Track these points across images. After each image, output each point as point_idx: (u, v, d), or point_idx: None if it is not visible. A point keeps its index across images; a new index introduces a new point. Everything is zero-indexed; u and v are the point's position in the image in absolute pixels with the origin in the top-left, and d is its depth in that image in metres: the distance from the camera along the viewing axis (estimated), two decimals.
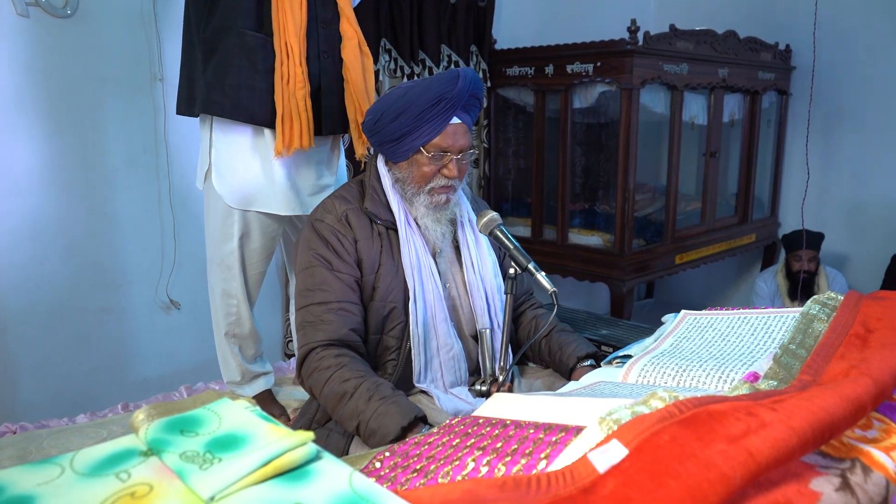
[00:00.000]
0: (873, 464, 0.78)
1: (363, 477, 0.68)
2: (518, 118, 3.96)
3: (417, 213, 1.58)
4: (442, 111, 1.49)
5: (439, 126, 1.50)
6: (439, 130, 1.50)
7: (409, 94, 1.49)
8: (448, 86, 1.48)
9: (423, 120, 1.49)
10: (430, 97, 1.48)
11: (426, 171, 1.54)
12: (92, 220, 2.66)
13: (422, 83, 1.50)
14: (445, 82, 1.48)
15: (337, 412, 1.42)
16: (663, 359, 1.26)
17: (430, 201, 1.56)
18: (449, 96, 1.48)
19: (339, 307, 1.51)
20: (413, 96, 1.48)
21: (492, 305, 1.64)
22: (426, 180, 1.55)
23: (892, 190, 4.10)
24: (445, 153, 1.53)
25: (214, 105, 1.91)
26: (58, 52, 2.49)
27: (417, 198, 1.57)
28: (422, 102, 1.48)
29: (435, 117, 1.49)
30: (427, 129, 1.50)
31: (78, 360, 2.68)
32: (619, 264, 3.49)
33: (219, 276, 2.09)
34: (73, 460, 0.73)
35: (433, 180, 1.55)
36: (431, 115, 1.48)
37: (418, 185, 1.56)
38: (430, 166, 1.53)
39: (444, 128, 1.51)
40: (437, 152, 1.52)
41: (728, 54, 3.79)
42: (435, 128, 1.50)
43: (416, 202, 1.57)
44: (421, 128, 1.49)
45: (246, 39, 1.87)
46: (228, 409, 0.82)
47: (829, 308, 1.20)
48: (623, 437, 0.70)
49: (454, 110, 1.51)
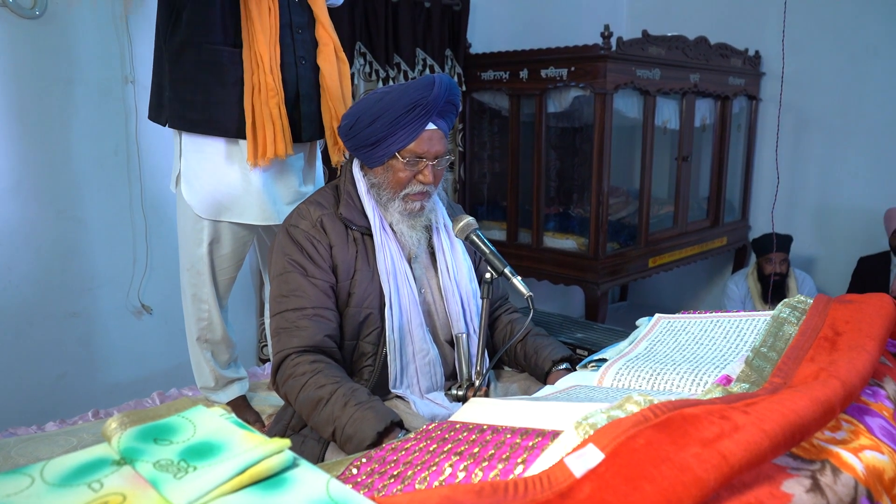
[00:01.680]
0: (842, 465, 0.80)
1: (340, 484, 0.68)
2: (493, 122, 3.98)
3: (392, 219, 1.58)
4: (417, 117, 1.48)
5: (415, 132, 1.49)
6: (414, 136, 1.50)
7: (384, 99, 1.48)
8: (423, 92, 1.47)
9: (399, 126, 1.48)
10: (406, 103, 1.47)
11: (401, 176, 1.53)
12: (61, 224, 2.61)
13: (397, 89, 1.49)
14: (421, 88, 1.48)
15: (312, 419, 1.41)
16: (638, 362, 1.27)
17: (404, 208, 1.56)
18: (424, 102, 1.47)
19: (314, 313, 1.50)
20: (388, 102, 1.48)
21: (467, 310, 1.64)
22: (401, 186, 1.54)
23: (858, 193, 4.19)
24: (421, 159, 1.52)
25: (186, 122, 1.90)
26: (26, 53, 2.44)
27: (392, 203, 1.56)
28: (397, 108, 1.47)
29: (410, 123, 1.48)
30: (402, 135, 1.49)
31: (47, 365, 2.63)
32: (594, 268, 3.52)
33: (189, 280, 2.07)
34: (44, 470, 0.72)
35: (408, 186, 1.54)
36: (406, 121, 1.48)
37: (393, 190, 1.55)
38: (406, 172, 1.53)
39: (419, 134, 1.50)
40: (412, 158, 1.51)
41: (699, 60, 3.85)
42: (410, 134, 1.49)
43: (391, 208, 1.56)
44: (396, 133, 1.49)
45: (211, 55, 1.85)
46: (203, 417, 0.81)
47: (799, 311, 1.22)
48: (599, 442, 0.71)
49: (429, 116, 1.50)
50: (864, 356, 0.99)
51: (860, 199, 4.19)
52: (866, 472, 0.80)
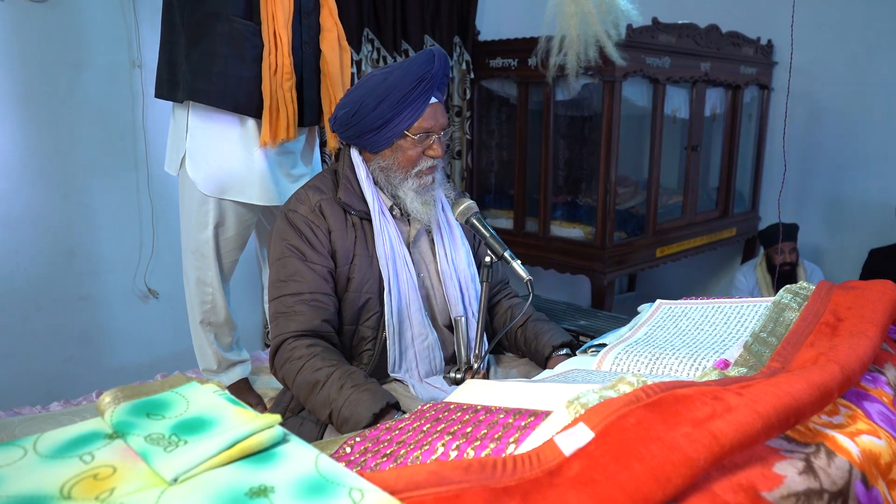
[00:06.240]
0: (838, 448, 0.79)
1: (329, 459, 0.68)
2: (501, 110, 3.95)
3: (407, 199, 1.57)
4: (422, 92, 1.50)
5: (421, 108, 1.51)
6: (421, 112, 1.51)
7: (388, 79, 1.49)
8: (427, 66, 1.49)
9: (406, 103, 1.49)
10: (412, 80, 1.48)
11: (411, 154, 1.54)
12: (68, 208, 2.62)
13: (399, 67, 1.50)
14: (424, 63, 1.49)
15: (310, 402, 1.41)
16: (637, 347, 1.27)
17: (418, 184, 1.56)
18: (429, 77, 1.49)
19: (312, 298, 1.50)
20: (393, 81, 1.48)
21: (465, 294, 1.64)
22: (412, 164, 1.55)
23: (870, 185, 4.15)
24: (429, 134, 1.53)
25: (200, 93, 1.89)
26: (33, 37, 2.45)
27: (405, 183, 1.56)
28: (403, 86, 1.48)
29: (416, 99, 1.49)
30: (409, 113, 1.50)
31: (53, 349, 2.65)
32: (600, 257, 3.50)
33: (193, 264, 2.07)
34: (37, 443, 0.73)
35: (419, 163, 1.55)
36: (413, 97, 1.49)
37: (405, 169, 1.55)
38: (415, 149, 1.53)
39: (425, 109, 1.52)
40: (421, 134, 1.52)
41: (710, 48, 3.81)
42: (417, 110, 1.50)
43: (404, 187, 1.56)
44: (403, 112, 1.49)
45: (235, 27, 1.85)
46: (196, 393, 0.82)
47: (801, 297, 1.21)
48: (590, 421, 0.70)
49: (433, 90, 1.52)
50: (865, 342, 0.98)
51: (872, 190, 4.14)
52: (862, 456, 0.79)
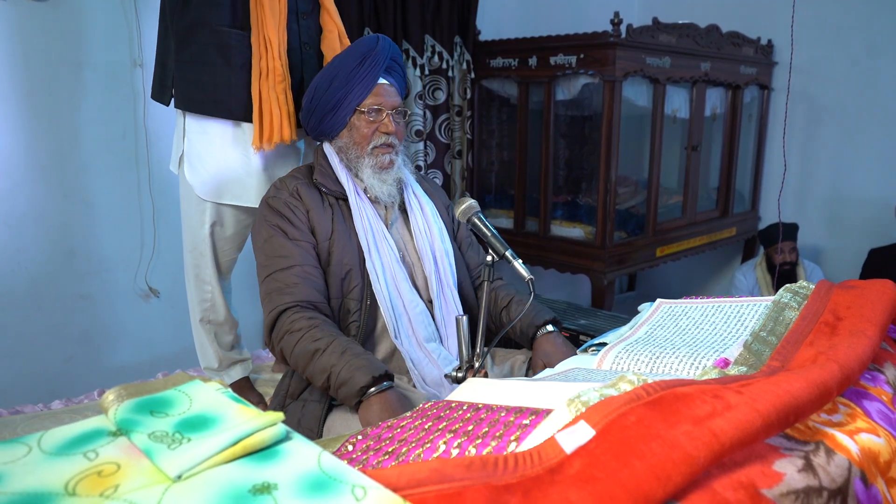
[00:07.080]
0: (837, 447, 0.80)
1: (331, 456, 0.68)
2: (502, 110, 3.96)
3: (364, 176, 1.65)
4: (369, 69, 1.63)
5: (369, 84, 1.63)
6: (369, 88, 1.64)
7: (334, 60, 1.66)
8: (370, 44, 1.65)
9: (354, 80, 1.62)
10: (356, 56, 1.63)
11: (365, 131, 1.64)
12: (69, 207, 2.63)
13: (345, 50, 1.68)
14: (366, 43, 1.66)
15: (308, 369, 1.44)
16: (638, 346, 1.27)
17: (375, 162, 1.65)
18: (372, 54, 1.63)
19: (302, 270, 1.55)
20: (339, 61, 1.65)
21: (440, 268, 1.69)
22: (367, 140, 1.65)
23: (870, 185, 4.15)
24: (380, 111, 1.64)
25: (192, 103, 1.92)
26: (34, 36, 2.45)
27: (362, 160, 1.65)
28: (349, 63, 1.63)
29: (364, 76, 1.63)
30: (359, 90, 1.63)
31: (54, 346, 2.66)
32: (600, 256, 3.50)
33: (192, 261, 2.08)
34: (41, 440, 0.73)
35: (373, 139, 1.65)
36: (360, 74, 1.62)
37: (360, 146, 1.65)
38: (369, 126, 1.64)
39: (373, 86, 1.64)
40: (370, 109, 1.63)
41: (710, 48, 3.81)
42: (366, 86, 1.63)
43: (362, 165, 1.65)
44: (353, 89, 1.62)
45: (220, 36, 1.86)
46: (199, 391, 0.82)
47: (801, 297, 1.22)
48: (590, 419, 0.71)
49: (379, 68, 1.65)
50: (865, 341, 0.98)
51: (872, 190, 4.14)
52: (861, 454, 0.80)
